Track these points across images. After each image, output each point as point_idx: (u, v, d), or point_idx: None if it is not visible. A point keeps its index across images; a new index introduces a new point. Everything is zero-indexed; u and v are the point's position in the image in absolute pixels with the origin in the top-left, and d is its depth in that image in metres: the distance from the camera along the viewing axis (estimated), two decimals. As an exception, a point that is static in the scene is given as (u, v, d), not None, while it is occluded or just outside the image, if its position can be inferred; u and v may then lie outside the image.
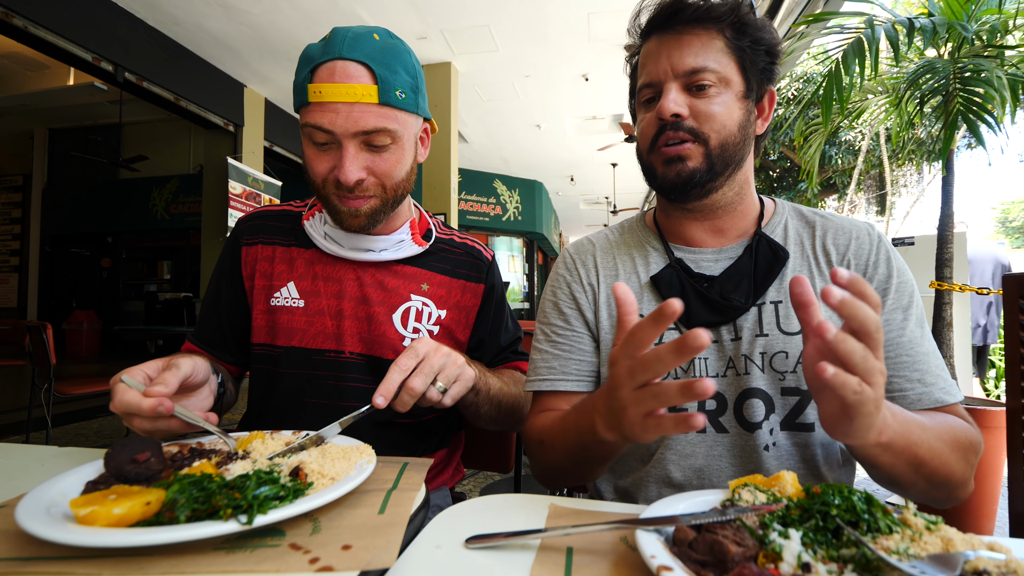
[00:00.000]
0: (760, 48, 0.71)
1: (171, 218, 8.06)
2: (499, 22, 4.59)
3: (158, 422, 0.62)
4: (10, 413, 4.36)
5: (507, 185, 9.85)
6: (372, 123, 0.77)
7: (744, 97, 0.72)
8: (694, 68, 0.69)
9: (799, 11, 4.28)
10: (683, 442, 0.72)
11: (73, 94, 7.01)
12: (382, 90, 0.77)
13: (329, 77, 0.76)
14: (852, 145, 9.09)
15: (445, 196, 5.46)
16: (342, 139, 0.78)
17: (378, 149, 0.80)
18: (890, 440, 0.53)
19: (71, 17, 3.89)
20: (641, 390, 0.48)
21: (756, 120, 0.75)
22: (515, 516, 0.53)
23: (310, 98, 0.77)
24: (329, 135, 0.78)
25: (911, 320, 0.68)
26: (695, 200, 0.75)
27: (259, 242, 0.93)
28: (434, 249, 0.96)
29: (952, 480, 0.59)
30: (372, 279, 0.91)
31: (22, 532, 0.40)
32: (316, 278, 0.90)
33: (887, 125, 4.31)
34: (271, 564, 0.39)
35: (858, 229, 0.74)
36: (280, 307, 0.89)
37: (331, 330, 0.88)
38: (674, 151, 0.71)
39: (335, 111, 0.76)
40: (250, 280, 0.92)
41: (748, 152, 0.75)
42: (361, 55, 0.77)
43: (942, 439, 0.59)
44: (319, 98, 0.76)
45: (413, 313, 0.91)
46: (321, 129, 0.77)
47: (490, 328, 0.99)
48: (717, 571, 0.36)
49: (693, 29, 0.70)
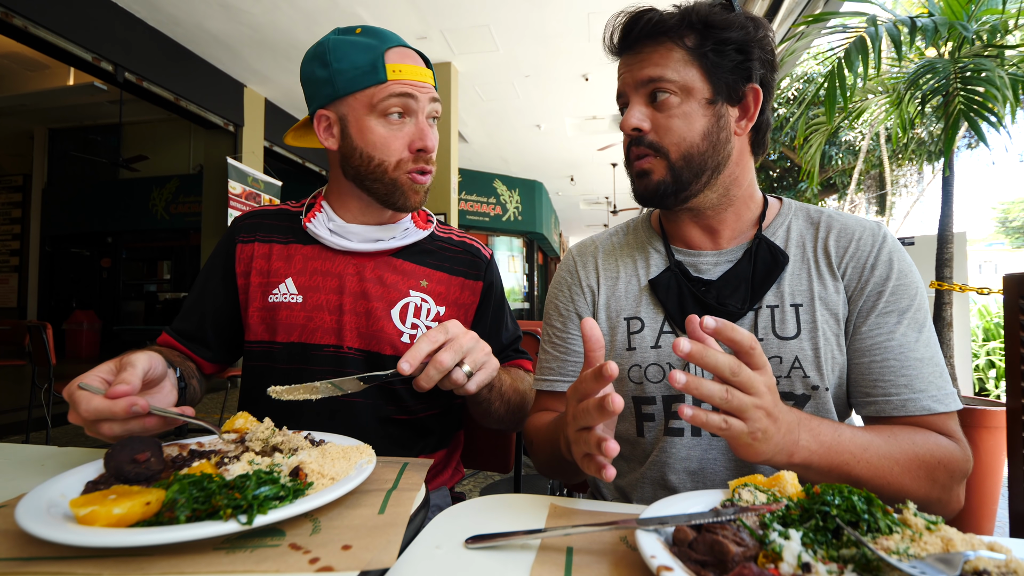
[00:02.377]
0: (728, 48, 0.70)
1: (171, 218, 8.06)
2: (499, 22, 4.59)
3: (131, 424, 0.60)
4: (10, 413, 4.36)
5: (507, 185, 9.85)
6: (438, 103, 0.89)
7: (710, 103, 0.71)
8: (649, 77, 0.71)
9: (799, 11, 4.28)
10: (679, 445, 0.73)
11: (73, 94, 7.01)
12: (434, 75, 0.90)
13: (403, 58, 0.85)
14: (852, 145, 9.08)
15: (445, 196, 5.46)
16: (419, 114, 0.86)
17: (431, 127, 0.89)
18: (806, 461, 0.55)
19: (71, 17, 3.88)
20: (579, 432, 0.53)
21: (739, 120, 0.73)
22: (515, 516, 0.53)
23: (389, 76, 0.83)
24: (410, 110, 0.85)
25: (905, 324, 0.67)
26: (675, 207, 0.76)
27: (256, 240, 0.93)
28: (434, 247, 0.98)
29: (911, 499, 0.56)
30: (372, 274, 0.91)
31: (22, 532, 0.40)
32: (315, 273, 0.90)
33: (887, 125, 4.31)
34: (271, 564, 0.39)
35: (863, 229, 0.72)
36: (279, 303, 0.89)
37: (330, 325, 0.88)
38: (638, 166, 0.74)
39: (417, 88, 0.84)
40: (244, 278, 0.92)
41: (726, 156, 0.73)
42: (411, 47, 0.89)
43: (892, 457, 0.58)
44: (400, 76, 0.84)
45: (412, 309, 0.91)
46: (407, 105, 0.85)
47: (490, 326, 1.00)
48: (717, 571, 0.36)
49: (648, 45, 0.72)
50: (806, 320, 0.70)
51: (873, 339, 0.67)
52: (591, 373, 0.51)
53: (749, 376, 0.49)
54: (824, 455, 0.55)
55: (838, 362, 0.69)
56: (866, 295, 0.69)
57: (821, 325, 0.69)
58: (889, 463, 0.58)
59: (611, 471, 0.50)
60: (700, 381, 0.48)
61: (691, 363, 0.62)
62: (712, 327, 0.49)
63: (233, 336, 0.96)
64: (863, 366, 0.67)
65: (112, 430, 0.59)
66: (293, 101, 6.33)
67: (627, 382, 0.77)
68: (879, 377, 0.66)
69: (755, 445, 0.50)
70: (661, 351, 0.75)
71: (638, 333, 0.77)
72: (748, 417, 0.49)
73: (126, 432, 0.60)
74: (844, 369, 0.69)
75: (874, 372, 0.66)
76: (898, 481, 0.58)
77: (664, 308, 0.76)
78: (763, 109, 0.74)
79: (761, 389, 0.49)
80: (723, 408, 0.49)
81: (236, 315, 0.94)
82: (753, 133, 0.76)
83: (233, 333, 0.95)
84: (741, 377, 0.48)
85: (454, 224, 5.56)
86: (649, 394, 0.75)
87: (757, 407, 0.49)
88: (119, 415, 0.57)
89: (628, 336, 0.78)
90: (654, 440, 0.75)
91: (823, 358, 0.68)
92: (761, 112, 0.74)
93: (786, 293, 0.72)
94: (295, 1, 4.21)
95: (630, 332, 0.78)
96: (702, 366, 0.48)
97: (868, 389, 0.67)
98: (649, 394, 0.75)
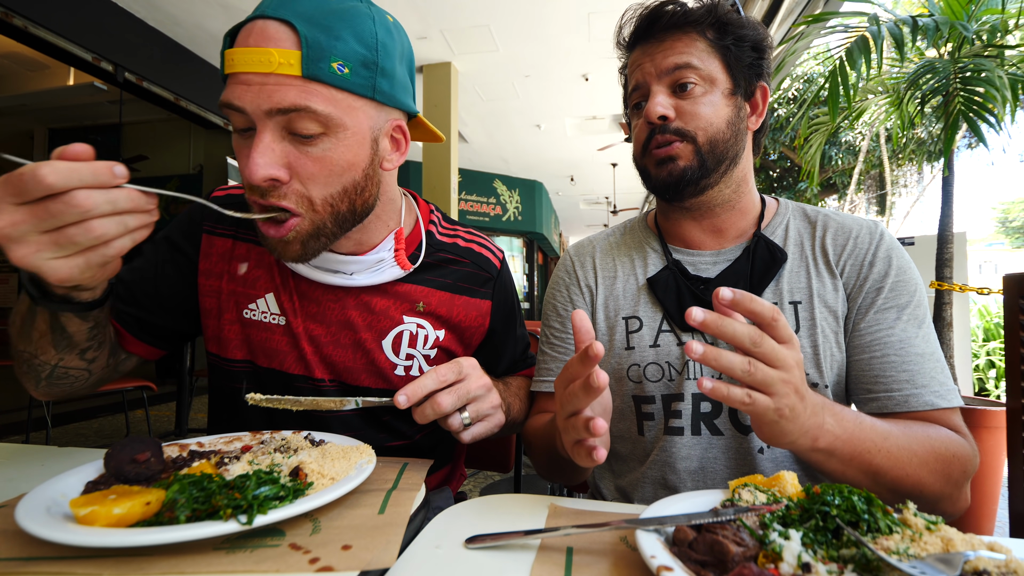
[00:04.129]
0: (745, 44, 0.72)
1: (171, 218, 8.02)
2: (499, 22, 4.59)
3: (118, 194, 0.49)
4: (10, 413, 4.35)
5: (507, 185, 9.84)
6: (290, 99, 0.58)
7: (731, 94, 0.72)
8: (676, 65, 0.71)
9: (799, 11, 4.28)
10: (679, 444, 0.73)
11: (73, 94, 7.00)
12: (308, 57, 0.58)
13: (244, 40, 0.59)
14: (852, 145, 9.08)
15: (445, 196, 5.46)
16: (255, 121, 0.59)
17: (303, 140, 0.61)
18: (830, 446, 0.52)
19: (71, 17, 3.88)
20: (568, 420, 0.52)
21: (749, 116, 0.75)
22: (515, 516, 0.53)
23: (226, 68, 0.60)
24: (243, 116, 0.60)
25: (905, 319, 0.67)
26: (690, 198, 0.75)
27: (232, 235, 0.78)
28: (433, 260, 0.82)
29: (924, 494, 0.57)
30: (356, 300, 0.76)
31: (22, 532, 0.40)
32: (293, 293, 0.76)
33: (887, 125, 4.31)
34: (271, 564, 0.39)
35: (859, 227, 0.73)
36: (255, 322, 0.76)
37: (312, 357, 0.76)
38: (664, 152, 0.72)
39: (247, 83, 0.58)
40: (215, 279, 0.77)
41: (741, 149, 0.75)
42: (290, 13, 0.58)
43: (911, 449, 0.56)
44: (232, 68, 0.59)
45: (407, 338, 0.78)
46: (232, 107, 0.59)
47: (499, 346, 0.89)
48: (717, 571, 0.36)
49: (673, 34, 0.72)
50: (805, 318, 0.70)
51: (873, 335, 0.67)
52: (577, 357, 0.49)
53: (773, 347, 0.45)
54: (847, 440, 0.53)
55: (837, 360, 0.69)
56: (865, 292, 0.69)
57: (820, 323, 0.69)
58: (908, 454, 0.56)
59: (601, 452, 0.49)
60: (719, 351, 0.43)
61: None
62: (729, 298, 0.44)
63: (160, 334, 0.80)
64: (863, 362, 0.67)
65: (88, 200, 0.46)
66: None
67: (626, 381, 0.77)
68: (880, 373, 0.66)
69: (781, 423, 0.46)
70: (660, 350, 0.75)
71: (636, 332, 0.77)
72: (774, 392, 0.45)
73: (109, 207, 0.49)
74: (843, 367, 0.69)
75: (875, 368, 0.66)
76: (916, 473, 0.57)
77: (663, 307, 0.76)
78: None
79: (789, 362, 0.45)
80: (746, 382, 0.45)
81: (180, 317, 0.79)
82: (755, 133, 0.78)
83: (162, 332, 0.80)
84: (764, 348, 0.44)
85: (454, 224, 5.54)
86: (648, 393, 0.75)
87: (785, 381, 0.45)
88: (102, 173, 0.46)
89: (627, 335, 0.78)
90: (654, 439, 0.75)
91: (822, 356, 0.68)
92: None
93: (785, 291, 0.72)
94: (295, 1, 4.21)
95: (629, 331, 0.78)
96: (719, 335, 0.44)
97: (869, 385, 0.67)
98: (648, 393, 0.75)
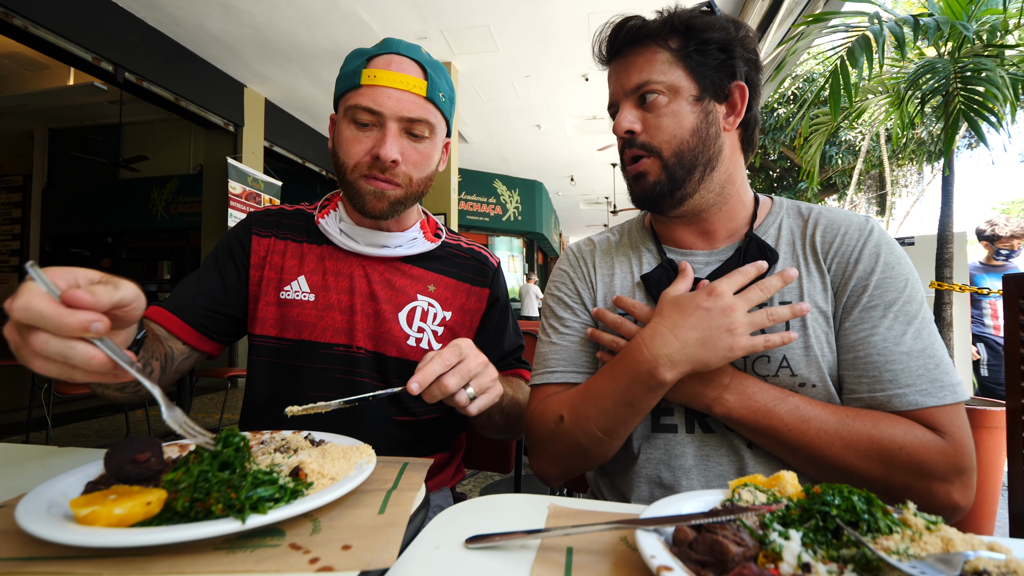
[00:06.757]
0: (710, 47, 0.72)
1: (171, 218, 8.05)
2: (499, 22, 4.59)
3: (72, 350, 0.42)
4: (10, 413, 4.36)
5: (507, 185, 9.85)
6: (417, 112, 0.85)
7: (697, 100, 0.72)
8: (638, 83, 0.73)
9: (799, 11, 4.28)
10: (672, 441, 0.73)
11: (73, 94, 7.01)
12: (430, 87, 0.87)
13: (386, 65, 0.85)
14: (852, 145, 9.09)
15: (445, 196, 5.46)
16: (387, 121, 0.84)
17: (416, 139, 0.87)
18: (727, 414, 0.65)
19: (71, 17, 3.89)
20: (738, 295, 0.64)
21: (727, 117, 0.75)
22: (515, 516, 0.53)
23: (363, 81, 0.84)
24: (375, 116, 0.84)
25: (891, 318, 0.66)
26: (671, 210, 0.76)
27: (272, 235, 0.95)
28: (442, 253, 0.99)
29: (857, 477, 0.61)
30: (381, 277, 0.93)
31: (22, 532, 0.40)
32: (327, 273, 0.92)
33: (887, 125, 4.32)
34: (271, 564, 0.39)
35: (849, 223, 0.72)
36: (291, 300, 0.90)
37: (341, 325, 0.89)
38: (634, 169, 0.75)
39: (387, 95, 0.83)
40: (258, 270, 0.92)
41: (717, 152, 0.74)
42: (416, 55, 0.87)
43: (836, 434, 0.62)
44: (372, 81, 0.83)
45: (419, 313, 0.93)
46: (370, 110, 0.83)
47: (493, 333, 1.00)
48: (717, 571, 0.36)
49: (636, 49, 0.74)
50: (796, 318, 0.70)
51: (856, 335, 0.67)
52: None
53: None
54: (749, 416, 0.64)
55: (827, 359, 0.68)
56: (850, 290, 0.68)
57: (810, 322, 0.69)
58: (829, 438, 0.61)
59: None
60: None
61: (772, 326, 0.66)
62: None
63: (228, 326, 0.93)
64: (848, 362, 0.67)
65: (44, 346, 0.42)
66: (293, 101, 6.33)
67: None
68: (863, 373, 0.65)
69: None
70: None
71: None
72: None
73: (60, 357, 0.43)
74: (833, 366, 0.69)
75: (858, 368, 0.66)
76: (839, 456, 0.61)
77: (656, 303, 0.76)
78: (750, 106, 0.75)
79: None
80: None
81: (240, 305, 0.93)
82: (742, 130, 0.77)
83: (230, 323, 0.93)
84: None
85: (454, 224, 5.57)
86: None
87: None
88: (67, 329, 0.41)
89: None
90: (645, 435, 0.75)
91: (812, 355, 0.68)
92: (748, 109, 0.75)
93: None
94: (295, 1, 4.21)
95: None
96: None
97: (854, 385, 0.66)
98: None
